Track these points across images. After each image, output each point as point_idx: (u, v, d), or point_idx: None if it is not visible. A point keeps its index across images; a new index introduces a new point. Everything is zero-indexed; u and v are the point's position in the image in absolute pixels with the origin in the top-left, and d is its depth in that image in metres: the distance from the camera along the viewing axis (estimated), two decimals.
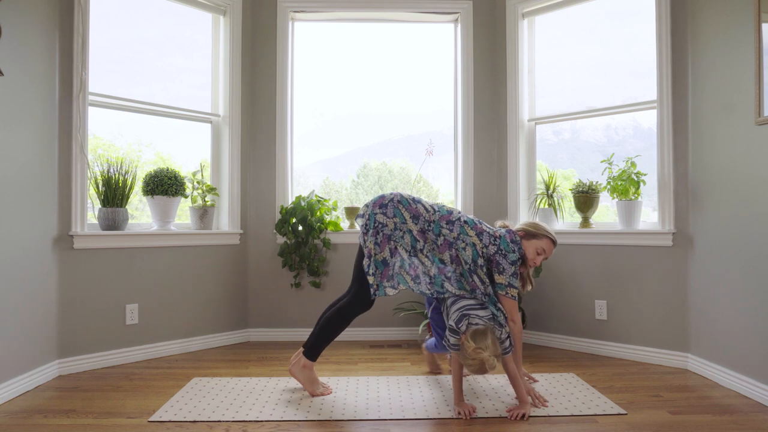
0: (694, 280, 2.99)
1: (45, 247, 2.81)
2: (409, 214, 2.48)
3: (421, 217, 2.49)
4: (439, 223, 2.48)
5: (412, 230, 2.48)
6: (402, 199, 2.51)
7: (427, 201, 2.56)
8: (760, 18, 2.50)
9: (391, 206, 2.49)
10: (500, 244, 2.46)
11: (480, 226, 2.51)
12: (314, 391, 2.56)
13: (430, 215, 2.49)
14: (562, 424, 2.22)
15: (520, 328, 2.51)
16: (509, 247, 2.46)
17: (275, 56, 3.81)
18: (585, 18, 3.60)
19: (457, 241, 2.46)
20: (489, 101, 3.87)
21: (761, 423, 2.24)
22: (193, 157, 3.72)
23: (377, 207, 2.51)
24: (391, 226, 2.47)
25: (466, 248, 2.45)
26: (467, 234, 2.46)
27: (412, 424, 2.23)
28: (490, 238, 2.47)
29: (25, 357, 2.66)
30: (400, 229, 2.48)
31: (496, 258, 2.45)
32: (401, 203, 2.50)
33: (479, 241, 2.46)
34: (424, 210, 2.50)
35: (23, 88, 2.65)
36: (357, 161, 4.33)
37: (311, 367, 2.59)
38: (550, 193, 3.61)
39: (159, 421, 2.25)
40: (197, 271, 3.49)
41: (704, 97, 2.92)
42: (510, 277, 2.45)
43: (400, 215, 2.48)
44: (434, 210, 2.51)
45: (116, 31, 3.34)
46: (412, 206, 2.50)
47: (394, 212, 2.48)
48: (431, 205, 2.54)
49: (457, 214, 2.53)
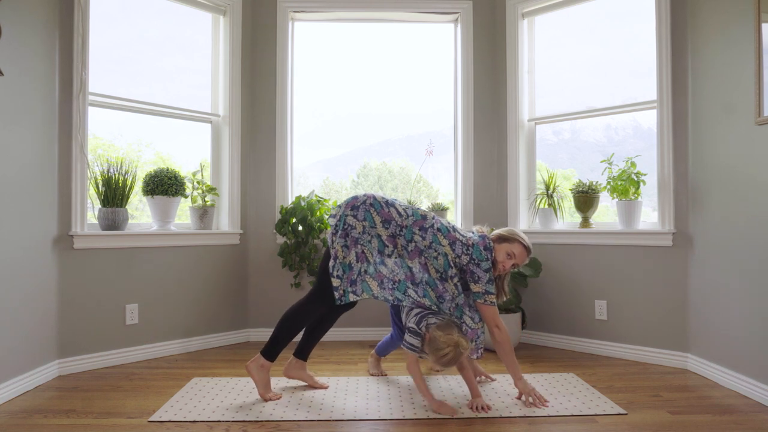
0: (694, 280, 2.99)
1: (45, 247, 2.81)
2: (380, 218, 2.44)
3: (393, 222, 2.44)
4: (412, 228, 2.43)
5: (381, 235, 2.44)
6: (374, 201, 2.46)
7: (401, 204, 2.51)
8: (760, 18, 2.50)
9: (363, 209, 2.44)
10: (473, 254, 2.42)
11: (453, 234, 2.45)
12: (264, 394, 2.50)
13: (402, 220, 2.44)
14: (562, 424, 2.22)
15: (507, 333, 2.47)
16: (482, 256, 2.42)
17: (275, 56, 3.81)
18: (585, 18, 3.61)
19: (428, 250, 2.43)
20: (489, 101, 3.87)
21: (761, 423, 2.24)
22: (193, 157, 3.72)
23: (349, 208, 2.46)
24: (360, 229, 2.43)
25: (438, 257, 2.42)
26: (440, 243, 2.42)
27: (412, 424, 2.23)
28: (462, 248, 2.42)
29: (25, 357, 2.66)
30: (369, 233, 2.44)
31: (470, 267, 2.42)
32: (373, 206, 2.45)
33: (452, 251, 2.42)
34: (396, 214, 2.45)
35: (23, 88, 2.65)
36: (357, 161, 4.33)
37: (269, 368, 2.54)
38: (550, 193, 3.61)
39: (159, 421, 2.25)
40: (197, 271, 3.49)
41: (704, 97, 2.92)
42: (486, 284, 2.42)
43: (370, 219, 2.44)
44: (407, 214, 2.45)
45: (116, 31, 3.34)
46: (385, 210, 2.45)
47: (365, 215, 2.44)
48: (405, 208, 2.48)
49: (431, 219, 2.46)
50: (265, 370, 2.52)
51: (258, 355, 2.54)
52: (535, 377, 2.85)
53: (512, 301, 3.30)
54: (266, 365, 2.52)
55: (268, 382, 2.53)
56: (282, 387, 2.69)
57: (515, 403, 2.44)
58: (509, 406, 2.41)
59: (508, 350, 2.46)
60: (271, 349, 2.52)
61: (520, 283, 3.52)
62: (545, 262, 3.56)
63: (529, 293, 3.67)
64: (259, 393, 2.51)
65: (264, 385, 2.52)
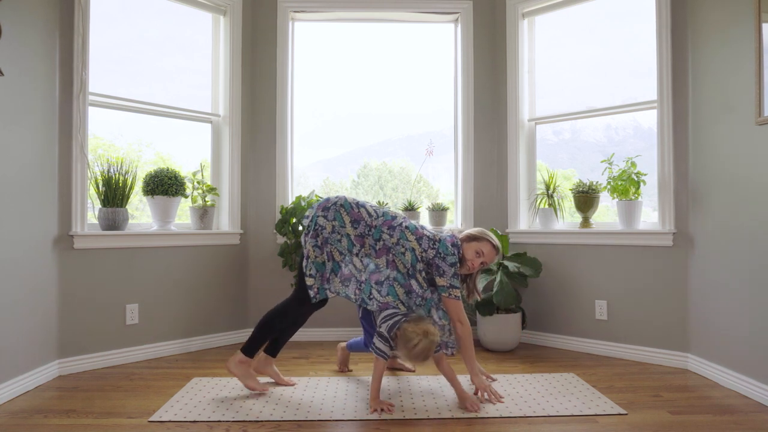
0: (694, 280, 2.99)
1: (45, 247, 2.81)
2: (350, 218, 2.51)
3: (362, 222, 2.51)
4: (381, 228, 2.51)
5: (350, 234, 2.51)
6: (345, 203, 2.54)
7: (372, 206, 2.59)
8: (760, 18, 2.50)
9: (333, 209, 2.52)
10: (439, 248, 2.47)
11: (421, 231, 2.52)
12: (251, 384, 2.59)
13: (372, 220, 2.52)
14: (562, 424, 2.22)
15: (469, 328, 2.51)
16: (448, 250, 2.47)
17: (275, 56, 3.81)
18: (585, 18, 3.61)
19: (396, 246, 2.49)
20: (489, 101, 3.87)
21: (761, 423, 2.24)
22: (193, 157, 3.72)
23: (320, 210, 2.54)
24: (329, 229, 2.50)
25: (405, 253, 2.48)
26: (407, 239, 2.48)
27: (412, 424, 2.23)
28: (429, 242, 2.49)
29: (26, 357, 2.66)
30: (338, 233, 2.51)
31: (435, 261, 2.47)
32: (343, 207, 2.53)
33: (419, 246, 2.48)
34: (366, 215, 2.52)
35: (23, 88, 2.65)
36: (357, 161, 4.33)
37: (249, 363, 2.62)
38: (550, 193, 3.61)
39: (159, 421, 2.25)
40: (197, 271, 3.49)
41: (704, 97, 2.92)
42: (450, 278, 2.46)
43: (340, 219, 2.51)
44: (377, 215, 2.54)
45: (116, 31, 3.34)
46: (354, 210, 2.52)
47: (335, 215, 2.51)
48: (375, 209, 2.57)
49: (400, 219, 2.55)
50: (245, 365, 2.61)
51: (237, 352, 2.63)
52: (535, 377, 2.85)
53: (512, 301, 3.30)
54: (245, 360, 2.61)
55: (250, 374, 2.63)
56: (282, 387, 2.69)
57: (515, 404, 2.44)
58: (509, 406, 2.41)
59: (468, 345, 2.50)
60: (250, 346, 2.61)
61: (520, 283, 3.52)
62: (545, 262, 3.56)
63: (529, 293, 3.67)
64: (245, 385, 2.60)
65: (246, 376, 2.61)
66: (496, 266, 3.53)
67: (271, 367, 2.74)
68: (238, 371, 2.60)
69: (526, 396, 2.54)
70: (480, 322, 3.46)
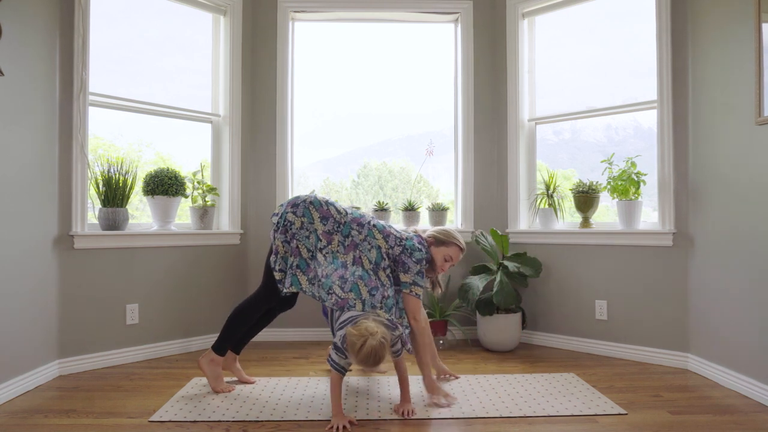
0: (694, 280, 2.99)
1: (45, 247, 2.81)
2: (319, 214, 2.53)
3: (331, 219, 2.53)
4: (350, 224, 2.53)
5: (318, 230, 2.53)
6: (315, 200, 2.56)
7: (341, 205, 2.61)
8: (760, 18, 2.50)
9: (302, 206, 2.54)
10: (406, 244, 2.50)
11: (388, 230, 2.55)
12: (216, 387, 2.61)
13: (341, 217, 2.54)
14: (562, 424, 2.22)
15: (425, 326, 2.53)
16: (415, 247, 2.49)
17: (275, 56, 3.81)
18: (585, 18, 3.61)
19: (363, 243, 2.51)
20: (489, 101, 3.87)
21: (761, 423, 2.24)
22: (193, 157, 3.72)
23: (290, 206, 2.56)
24: (298, 225, 2.53)
25: (371, 250, 2.50)
26: (374, 237, 2.51)
27: (412, 424, 2.23)
28: (396, 240, 2.51)
29: (26, 357, 2.66)
30: (307, 229, 2.53)
31: (402, 258, 2.49)
32: (312, 204, 2.55)
33: (385, 243, 2.51)
34: (335, 212, 2.55)
35: (23, 88, 2.65)
36: (357, 161, 4.33)
37: (219, 362, 2.64)
38: (550, 193, 3.61)
39: (159, 421, 2.25)
40: (197, 271, 3.49)
41: (704, 97, 2.92)
42: (415, 275, 2.48)
43: (309, 215, 2.53)
44: (346, 213, 2.56)
45: (116, 31, 3.34)
46: (324, 208, 2.54)
47: (304, 212, 2.53)
48: (344, 208, 2.59)
49: (368, 218, 2.58)
50: (215, 364, 2.63)
51: (209, 350, 2.65)
52: (535, 377, 2.85)
53: (512, 301, 3.30)
54: (216, 359, 2.64)
55: (219, 375, 2.64)
56: (282, 388, 2.69)
57: (515, 404, 2.44)
58: (509, 406, 2.41)
59: (423, 343, 2.50)
60: (220, 344, 2.64)
61: (520, 283, 3.53)
62: (545, 262, 3.56)
63: (529, 293, 3.67)
64: (210, 386, 2.62)
65: (214, 377, 2.62)
66: (496, 266, 3.53)
67: (234, 364, 2.76)
68: (208, 370, 2.63)
69: (526, 396, 2.54)
70: (480, 322, 3.46)
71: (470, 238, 3.81)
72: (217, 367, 2.64)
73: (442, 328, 3.55)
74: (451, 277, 3.77)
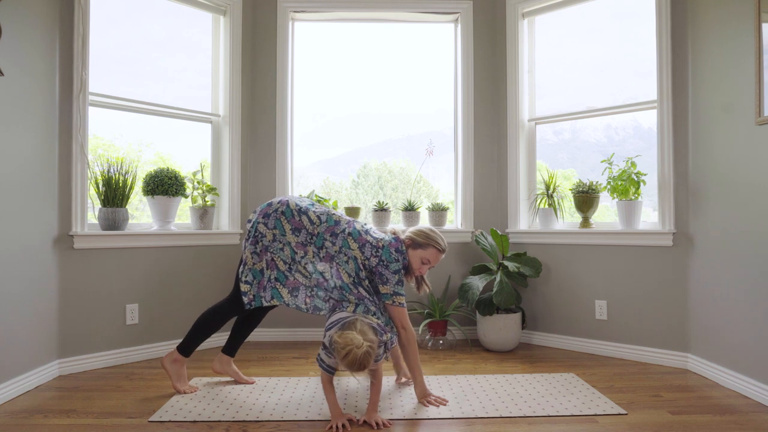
0: (694, 280, 2.99)
1: (45, 247, 2.81)
2: (291, 225, 2.46)
3: (304, 230, 2.46)
4: (323, 235, 2.45)
5: (291, 242, 2.47)
6: (286, 209, 2.48)
7: (316, 210, 2.51)
8: (760, 18, 2.50)
9: (273, 217, 2.48)
10: (382, 255, 2.41)
11: (364, 237, 2.45)
12: (179, 387, 2.60)
13: (314, 227, 2.46)
14: (562, 424, 2.22)
15: (412, 334, 2.46)
16: (391, 257, 2.41)
17: (275, 56, 3.81)
18: (585, 18, 3.61)
19: (339, 255, 2.43)
20: (489, 101, 3.87)
21: (761, 423, 2.24)
22: (193, 157, 3.72)
23: (261, 216, 2.50)
24: (270, 237, 2.47)
25: (348, 262, 2.43)
26: (350, 247, 2.42)
27: (412, 424, 2.24)
28: (372, 250, 2.42)
29: (26, 357, 2.66)
30: (279, 241, 2.47)
31: (378, 269, 2.42)
32: (284, 214, 2.47)
33: (361, 254, 2.42)
34: (308, 222, 2.47)
35: (23, 88, 2.65)
36: (357, 161, 4.33)
37: (183, 362, 2.64)
38: (550, 193, 3.61)
39: (159, 421, 2.25)
40: (197, 271, 3.49)
41: (704, 97, 2.92)
42: (394, 285, 2.42)
43: (281, 227, 2.47)
44: (320, 221, 2.47)
45: (116, 31, 3.34)
46: (296, 218, 2.47)
47: (275, 223, 2.47)
48: (319, 214, 2.49)
49: (344, 225, 2.48)
50: (178, 364, 2.63)
51: (173, 350, 2.65)
52: (535, 377, 2.85)
53: (512, 301, 3.30)
54: (180, 359, 2.63)
55: (182, 375, 2.64)
56: (282, 388, 2.69)
57: (515, 404, 2.44)
58: (509, 406, 2.41)
59: (412, 352, 2.46)
60: (185, 346, 2.63)
61: (520, 283, 3.53)
62: (545, 262, 3.56)
63: (529, 293, 3.67)
64: (173, 385, 2.61)
65: (177, 377, 2.62)
66: (496, 266, 3.53)
67: (231, 366, 2.76)
68: (170, 369, 2.62)
69: (526, 396, 2.54)
70: (480, 322, 3.46)
71: (470, 238, 3.81)
72: (180, 367, 2.63)
73: (442, 328, 3.55)
74: (451, 277, 3.77)
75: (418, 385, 2.47)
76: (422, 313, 3.61)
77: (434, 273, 3.74)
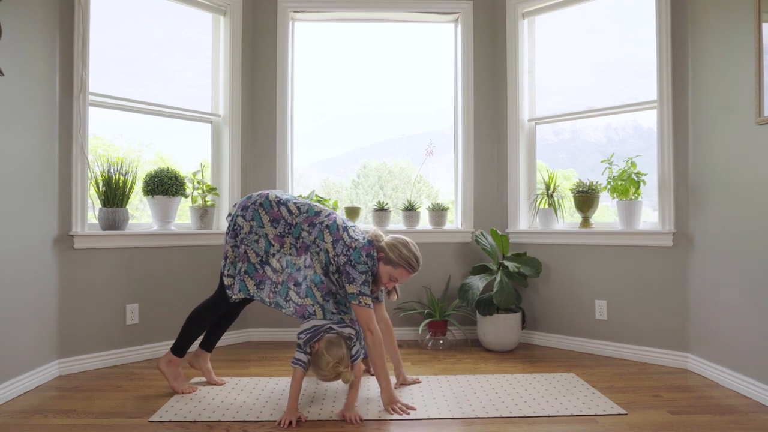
0: (694, 280, 2.99)
1: (45, 246, 2.81)
2: (269, 217, 2.44)
3: (282, 221, 2.44)
4: (301, 225, 2.44)
5: (269, 234, 2.45)
6: (265, 201, 2.46)
7: (297, 202, 2.49)
8: (760, 18, 2.50)
9: (252, 209, 2.46)
10: (351, 255, 2.36)
11: (340, 233, 2.41)
12: (177, 387, 2.60)
13: (293, 218, 2.44)
14: (562, 424, 2.22)
15: (379, 337, 2.38)
16: (359, 259, 2.36)
17: (275, 56, 3.81)
18: (585, 18, 3.61)
19: (313, 245, 2.42)
20: (489, 101, 3.87)
21: (761, 423, 2.24)
22: (193, 157, 3.72)
23: (240, 209, 2.49)
24: (247, 229, 2.46)
25: (320, 253, 2.41)
26: (323, 239, 2.40)
27: (412, 424, 2.24)
28: (343, 248, 2.38)
29: (26, 357, 2.66)
30: (256, 233, 2.46)
31: (346, 268, 2.37)
32: (262, 206, 2.45)
33: (333, 248, 2.39)
34: (287, 212, 2.44)
35: (23, 88, 2.65)
36: (357, 161, 4.33)
37: (178, 363, 2.64)
38: (550, 193, 3.61)
39: (159, 421, 2.25)
40: (197, 271, 3.49)
41: (704, 97, 2.92)
42: (360, 285, 2.35)
43: (258, 218, 2.45)
44: (300, 212, 2.45)
45: (116, 31, 3.34)
46: (274, 210, 2.45)
47: (253, 215, 2.46)
48: (299, 206, 2.47)
49: (323, 217, 2.45)
50: (174, 365, 2.63)
51: (168, 352, 2.65)
52: (535, 377, 2.85)
53: (512, 301, 3.30)
54: (175, 360, 2.63)
55: (179, 375, 2.63)
56: (282, 388, 2.69)
57: (515, 404, 2.44)
58: (509, 406, 2.41)
59: (379, 355, 2.37)
60: (178, 346, 2.63)
61: (520, 283, 3.53)
62: (545, 262, 3.56)
63: (529, 293, 3.67)
64: (170, 386, 2.61)
65: (175, 378, 2.62)
66: (496, 266, 3.53)
67: (205, 362, 2.75)
68: (167, 371, 2.62)
69: (526, 396, 2.54)
70: (480, 322, 3.46)
71: (470, 238, 3.81)
72: (176, 368, 2.63)
73: (442, 327, 3.55)
74: (451, 277, 3.77)
75: (383, 391, 2.40)
76: (422, 313, 3.61)
77: (434, 273, 3.75)
